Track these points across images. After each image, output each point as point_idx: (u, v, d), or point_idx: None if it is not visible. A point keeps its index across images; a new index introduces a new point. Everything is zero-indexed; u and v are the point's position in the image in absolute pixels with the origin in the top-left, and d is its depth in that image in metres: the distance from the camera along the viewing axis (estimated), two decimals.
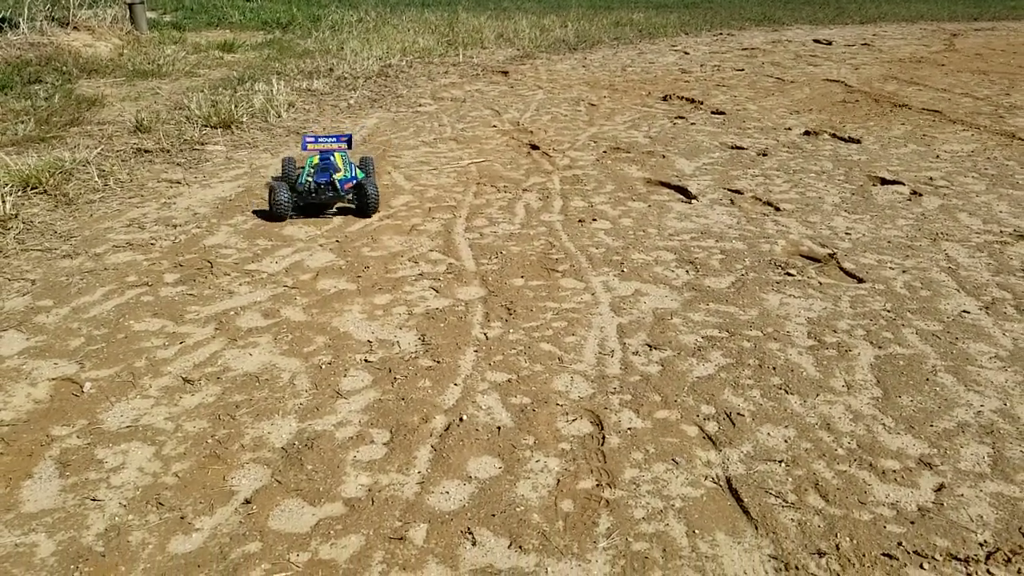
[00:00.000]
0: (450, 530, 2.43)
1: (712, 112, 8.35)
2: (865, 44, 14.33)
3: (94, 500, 2.54)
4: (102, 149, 6.60)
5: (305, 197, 5.05)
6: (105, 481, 2.64)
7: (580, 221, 5.16)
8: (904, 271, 4.27)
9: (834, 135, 7.15)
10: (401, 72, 10.93)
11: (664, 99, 9.08)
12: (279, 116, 8.11)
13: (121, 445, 2.83)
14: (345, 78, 10.25)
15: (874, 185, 5.75)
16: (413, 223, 5.14)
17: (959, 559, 2.28)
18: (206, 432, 2.90)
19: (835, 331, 3.63)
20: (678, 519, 2.46)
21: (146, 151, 6.65)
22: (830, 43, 14.51)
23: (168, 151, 6.68)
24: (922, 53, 11.99)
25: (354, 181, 5.24)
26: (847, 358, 3.39)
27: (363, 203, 5.10)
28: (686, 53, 13.23)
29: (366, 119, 8.14)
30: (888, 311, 3.81)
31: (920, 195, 5.49)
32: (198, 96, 8.35)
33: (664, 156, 6.67)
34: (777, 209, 5.30)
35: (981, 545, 2.33)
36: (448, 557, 2.32)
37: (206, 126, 7.47)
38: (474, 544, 2.37)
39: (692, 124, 7.87)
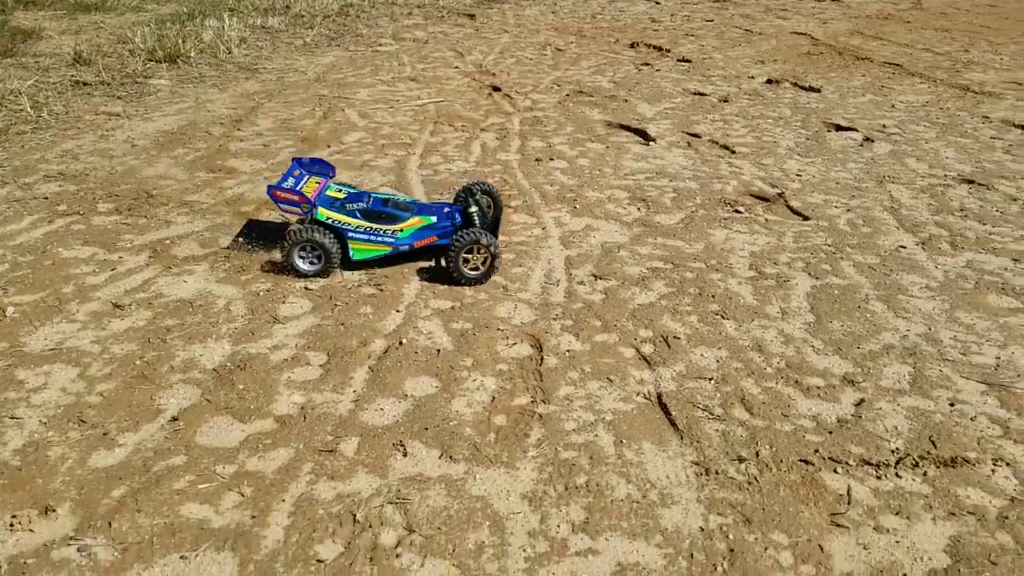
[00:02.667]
0: (381, 443, 2.51)
1: (678, 60, 8.37)
2: (835, 0, 14.38)
3: (12, 418, 2.56)
4: (36, 80, 6.42)
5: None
6: (25, 400, 2.65)
7: (537, 160, 5.19)
8: (849, 210, 4.39)
9: (795, 84, 7.24)
10: (363, 12, 10.73)
11: (631, 46, 9.07)
12: (229, 52, 7.94)
13: (44, 367, 2.84)
14: (303, 16, 10.04)
15: (829, 131, 5.86)
16: (365, 159, 5.13)
17: (871, 464, 2.43)
18: (134, 355, 2.92)
19: (776, 263, 3.74)
20: (607, 431, 2.57)
21: (85, 84, 6.49)
22: None
23: (108, 84, 6.53)
24: (889, 10, 12.10)
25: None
26: (785, 287, 3.51)
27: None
28: (657, 2, 13.16)
29: (321, 57, 8.02)
30: (829, 246, 3.94)
31: (872, 141, 5.62)
32: (143, 30, 8.13)
33: (627, 100, 6.70)
34: (733, 152, 5.39)
35: (893, 452, 2.48)
36: (378, 467, 2.40)
37: (151, 60, 7.29)
38: (405, 455, 2.45)
39: (657, 71, 7.89)
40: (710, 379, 2.84)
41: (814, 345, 3.06)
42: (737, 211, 4.35)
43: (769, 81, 7.36)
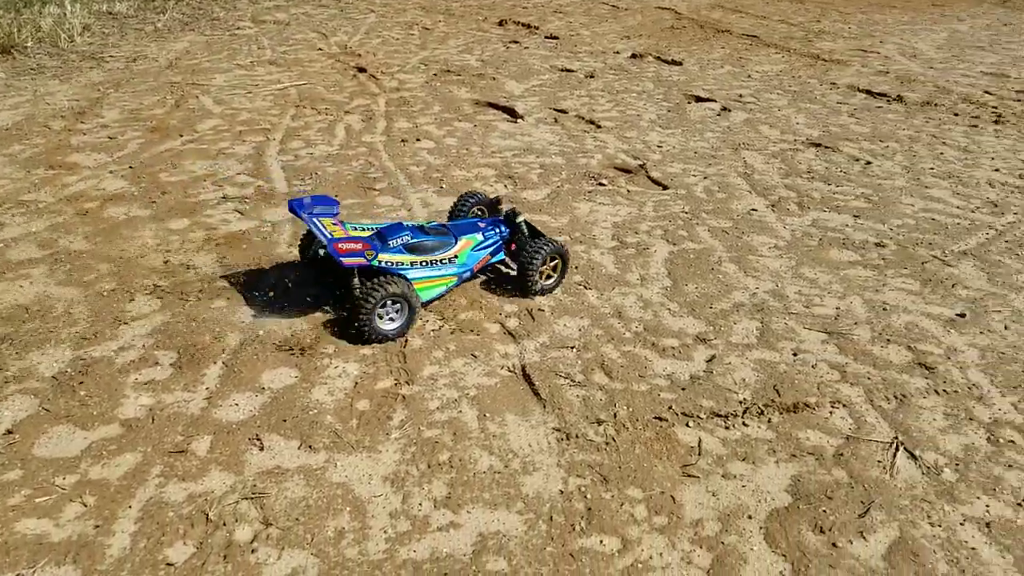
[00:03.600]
0: (236, 439, 2.44)
1: (546, 37, 8.47)
2: None
3: None
4: None
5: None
6: None
7: (403, 141, 5.15)
8: (706, 178, 4.60)
9: (659, 58, 7.49)
10: None
11: (500, 24, 9.11)
12: (72, 40, 7.42)
13: None
14: (153, 0, 9.50)
15: (689, 103, 6.10)
16: (221, 147, 4.93)
17: (720, 416, 2.57)
18: None
19: (636, 232, 3.88)
20: (471, 406, 2.59)
21: None
22: None
23: None
24: None
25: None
26: (644, 255, 3.64)
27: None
28: None
29: (174, 43, 7.62)
30: (686, 213, 4.11)
31: (729, 111, 5.90)
32: None
33: (495, 79, 6.73)
34: (598, 127, 5.52)
35: (741, 403, 2.63)
36: (232, 464, 2.33)
37: None
38: (262, 449, 2.40)
39: (525, 48, 7.96)
40: (572, 348, 2.91)
41: (670, 308, 3.20)
42: (601, 184, 4.47)
43: (634, 56, 7.57)
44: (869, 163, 4.87)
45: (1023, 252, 3.73)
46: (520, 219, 3.31)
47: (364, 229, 3.14)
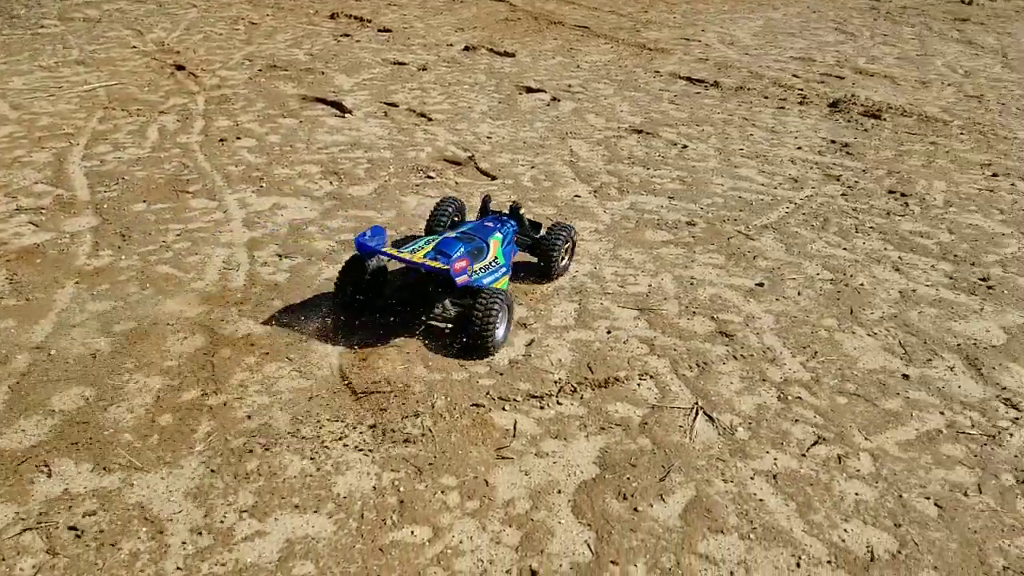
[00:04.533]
0: (21, 468, 2.27)
1: (379, 30, 8.39)
2: None
3: None
4: None
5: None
6: None
7: (222, 140, 4.95)
8: (533, 167, 4.73)
9: (492, 50, 7.60)
10: None
11: (332, 17, 8.92)
12: None
13: None
14: None
15: (520, 94, 6.24)
16: (16, 155, 4.55)
17: (536, 397, 2.65)
18: None
19: None
20: (284, 411, 2.54)
21: None
22: None
23: None
24: None
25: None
26: None
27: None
28: None
29: None
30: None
31: (559, 100, 6.08)
32: None
33: (324, 73, 6.59)
34: (429, 119, 5.54)
35: (556, 383, 2.73)
36: (16, 495, 2.17)
37: None
38: (49, 476, 2.24)
39: (357, 41, 7.85)
40: (393, 344, 2.91)
41: None
42: (429, 177, 4.49)
43: (467, 48, 7.65)
44: (685, 147, 5.17)
45: (817, 223, 4.09)
46: (523, 211, 3.51)
47: (414, 250, 2.93)
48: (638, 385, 2.75)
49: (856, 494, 2.30)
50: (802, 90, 6.63)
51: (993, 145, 5.36)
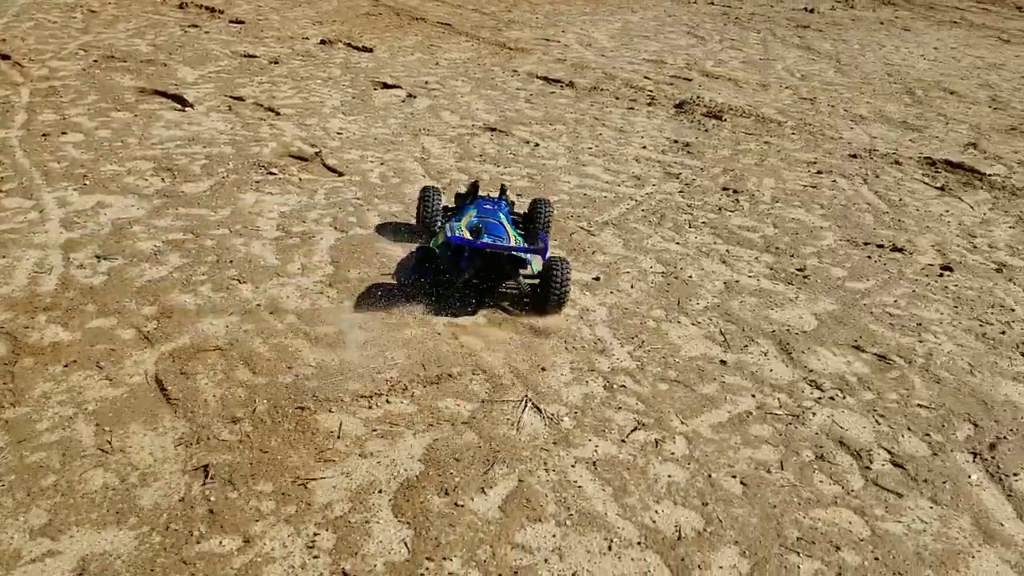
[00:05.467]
0: None
1: (231, 21, 8.07)
2: None
3: None
4: None
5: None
6: None
7: (44, 135, 4.61)
8: (383, 163, 4.68)
9: (350, 45, 7.47)
10: None
11: (180, 7, 8.50)
12: None
13: None
14: None
15: (376, 90, 6.17)
16: None
17: (365, 397, 2.63)
18: None
19: (304, 221, 3.84)
20: (88, 422, 2.39)
21: None
22: None
23: None
24: None
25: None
26: (309, 244, 3.62)
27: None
28: None
29: None
30: (359, 199, 4.15)
31: (414, 97, 6.06)
32: None
33: (166, 65, 6.27)
34: (277, 114, 5.37)
35: (387, 381, 2.71)
36: None
37: None
38: None
39: (206, 32, 7.52)
40: (216, 348, 2.81)
41: (329, 295, 3.21)
42: (271, 173, 4.36)
43: (323, 42, 7.48)
44: (537, 145, 5.27)
45: (655, 219, 4.27)
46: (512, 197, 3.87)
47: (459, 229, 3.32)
48: (471, 380, 2.78)
49: (669, 476, 2.42)
50: (652, 91, 6.91)
51: (820, 144, 5.78)
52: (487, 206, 3.66)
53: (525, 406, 2.66)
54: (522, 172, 4.78)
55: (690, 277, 3.65)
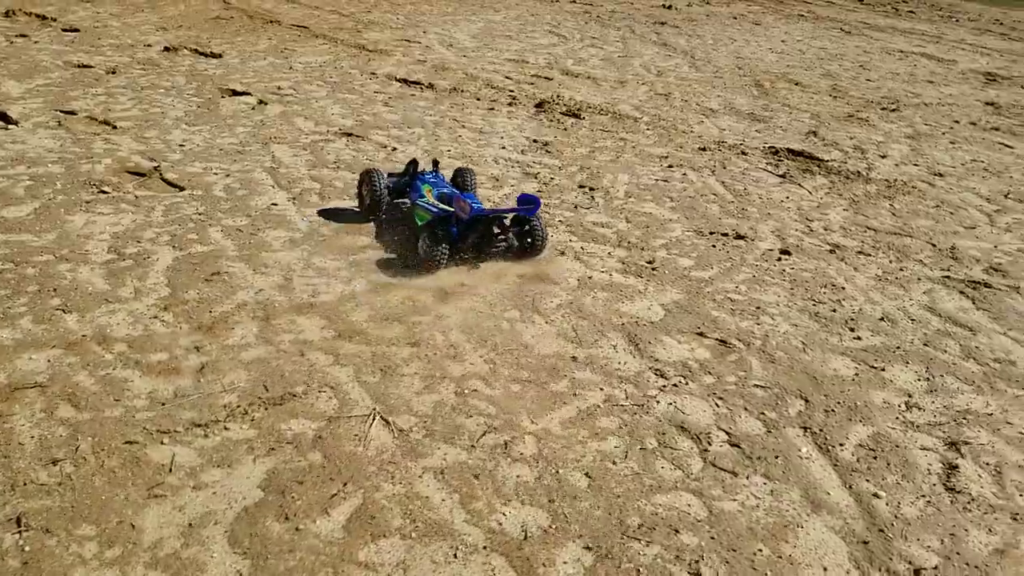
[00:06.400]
0: None
1: (64, 29, 7.59)
2: None
3: None
4: None
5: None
6: None
7: None
8: (228, 175, 4.53)
9: (196, 51, 7.18)
10: None
11: (6, 15, 7.92)
12: None
13: None
14: None
15: (224, 97, 5.95)
16: None
17: (200, 425, 2.53)
18: None
19: (139, 241, 3.66)
20: None
21: None
22: None
23: None
24: None
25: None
26: (144, 265, 3.46)
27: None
28: None
29: None
30: (200, 214, 4.00)
31: (266, 104, 5.89)
32: None
33: None
34: (114, 127, 5.10)
35: (226, 407, 2.63)
36: None
37: None
38: None
39: (36, 43, 7.04)
40: (35, 385, 2.63)
41: (164, 319, 3.08)
42: (104, 191, 4.14)
43: (168, 49, 7.17)
44: (395, 149, 5.24)
45: None
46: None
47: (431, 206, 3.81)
48: (316, 398, 2.73)
49: (518, 476, 2.46)
50: (513, 91, 7.00)
51: (673, 139, 6.03)
52: (432, 179, 4.08)
53: (373, 420, 2.64)
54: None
55: (546, 275, 3.73)
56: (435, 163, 4.25)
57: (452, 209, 3.68)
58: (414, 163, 4.17)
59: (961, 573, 2.25)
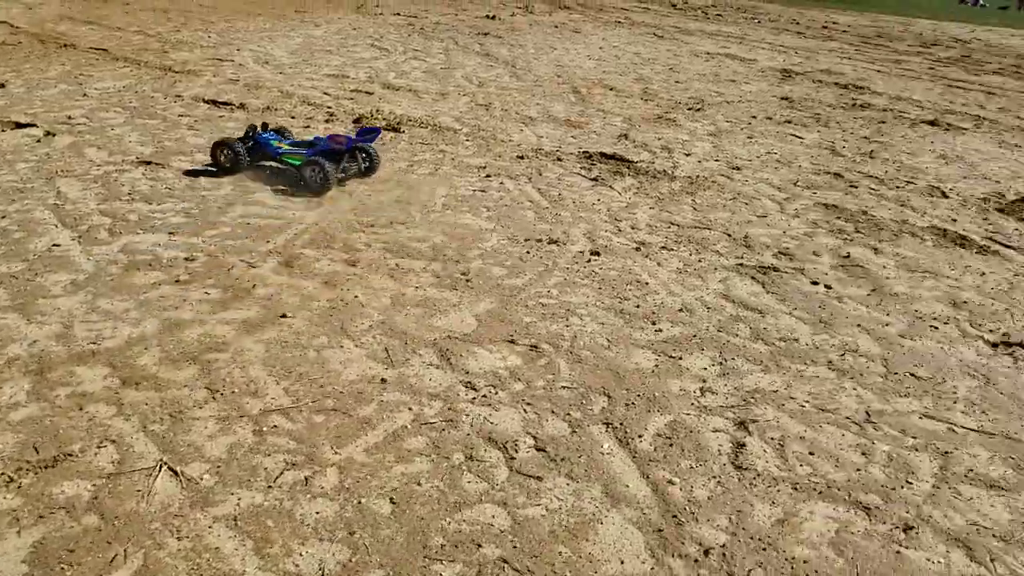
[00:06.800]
0: None
1: None
2: None
3: None
4: None
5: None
6: None
7: None
8: (4, 217, 4.14)
9: None
10: None
11: None
12: None
13: None
14: None
15: (4, 131, 5.45)
16: None
17: None
18: None
19: None
20: None
21: None
22: None
23: None
24: None
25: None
26: None
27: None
28: None
29: None
30: None
31: (53, 135, 5.45)
32: None
33: None
34: None
35: None
36: None
37: None
38: None
39: None
40: None
41: None
42: None
43: None
44: (198, 176, 4.98)
45: (324, 241, 4.22)
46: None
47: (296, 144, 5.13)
48: (95, 455, 2.52)
49: (317, 513, 2.38)
50: (331, 107, 6.86)
51: (492, 148, 6.11)
52: (273, 137, 5.08)
53: (159, 472, 2.47)
54: (177, 207, 4.48)
55: (355, 298, 3.65)
56: (265, 125, 5.15)
57: (321, 147, 4.85)
58: (252, 127, 5.02)
59: (747, 547, 2.38)
